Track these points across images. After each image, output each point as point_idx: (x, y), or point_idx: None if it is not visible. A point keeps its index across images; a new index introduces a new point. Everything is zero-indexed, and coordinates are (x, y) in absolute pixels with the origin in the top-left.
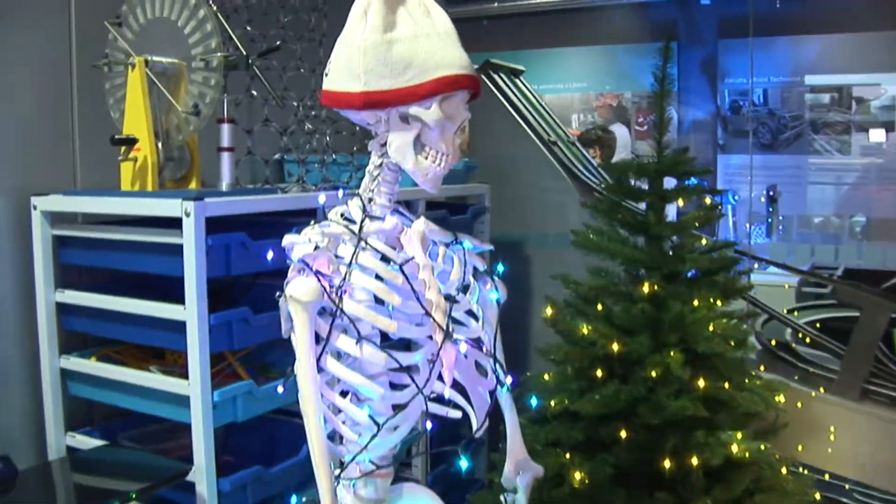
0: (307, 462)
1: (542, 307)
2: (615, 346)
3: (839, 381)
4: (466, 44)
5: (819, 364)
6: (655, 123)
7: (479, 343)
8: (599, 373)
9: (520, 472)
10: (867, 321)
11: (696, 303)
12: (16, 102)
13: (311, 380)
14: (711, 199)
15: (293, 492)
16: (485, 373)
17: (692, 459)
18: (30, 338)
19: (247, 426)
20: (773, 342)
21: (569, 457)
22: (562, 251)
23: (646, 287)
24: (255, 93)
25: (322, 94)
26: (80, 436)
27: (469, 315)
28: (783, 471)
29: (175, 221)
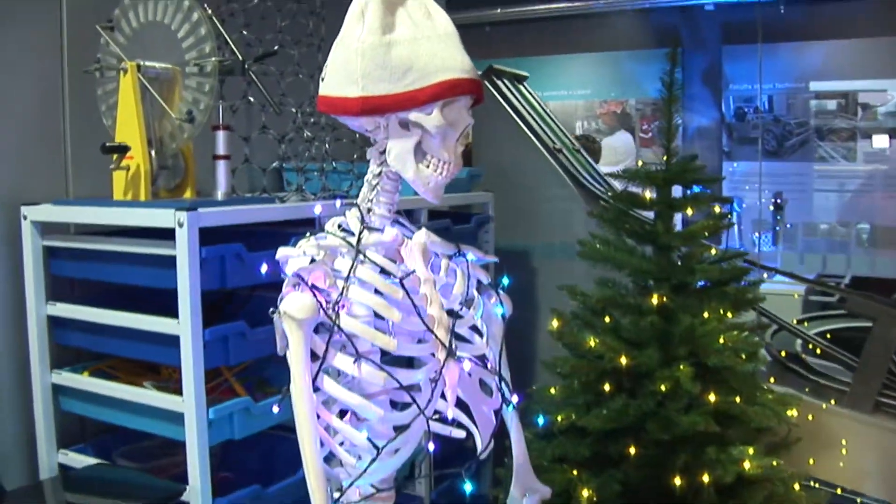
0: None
1: (548, 319)
2: (623, 360)
3: (851, 394)
4: (468, 50)
5: (830, 376)
6: (662, 130)
7: (484, 360)
8: (607, 387)
9: (526, 494)
10: (880, 332)
11: (707, 314)
12: (5, 109)
13: (307, 400)
14: (721, 208)
15: None
16: (490, 391)
17: (703, 476)
18: (20, 352)
19: (245, 441)
20: (783, 353)
21: (576, 473)
22: (568, 261)
23: (655, 298)
24: (252, 99)
25: (318, 100)
26: (73, 453)
27: (473, 331)
28: (796, 487)
29: (169, 232)
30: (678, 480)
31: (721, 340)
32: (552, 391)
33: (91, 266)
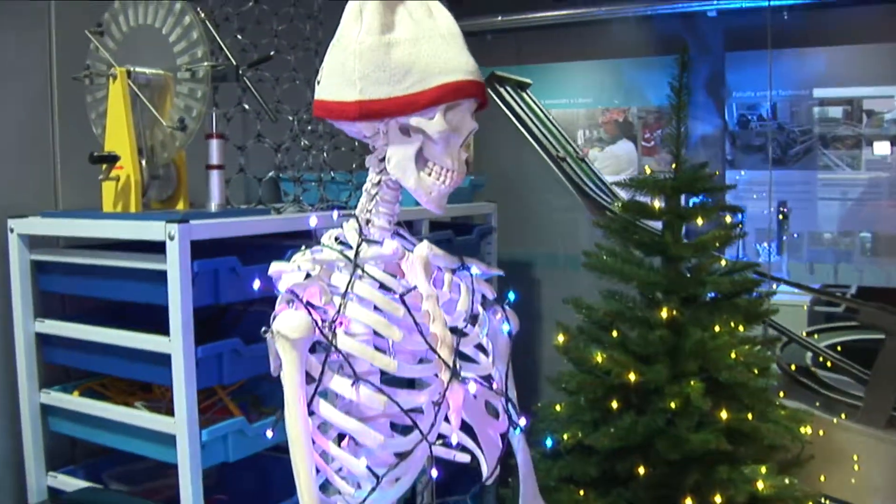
0: None
1: (551, 333)
2: (632, 376)
3: (865, 409)
4: None
5: (841, 389)
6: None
7: (489, 380)
8: (615, 404)
9: None
10: (894, 345)
11: (718, 328)
12: None
13: (302, 425)
14: (732, 218)
15: None
16: (496, 413)
17: (715, 497)
18: (7, 371)
19: (241, 462)
20: (793, 367)
21: (583, 493)
22: (571, 273)
23: (664, 312)
24: (247, 106)
25: (314, 104)
26: (63, 476)
27: (478, 349)
28: None
29: (160, 245)
30: (689, 501)
31: (733, 355)
32: (558, 408)
33: (80, 281)
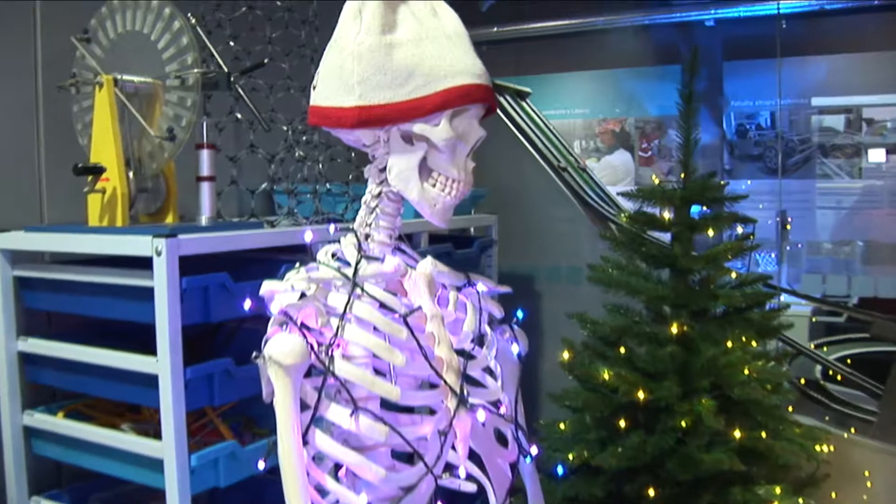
0: None
1: (554, 348)
2: (640, 393)
3: (879, 424)
4: None
5: (853, 404)
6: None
7: (497, 405)
8: (622, 422)
9: None
10: None
11: (730, 343)
12: None
13: (296, 456)
14: (743, 228)
15: None
16: (504, 440)
17: None
18: None
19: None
20: (803, 381)
21: None
22: (574, 287)
23: (674, 327)
24: (240, 115)
25: (309, 111)
26: (47, 501)
27: (486, 373)
28: None
29: (147, 261)
30: None
31: (746, 371)
32: (562, 426)
33: (65, 298)
